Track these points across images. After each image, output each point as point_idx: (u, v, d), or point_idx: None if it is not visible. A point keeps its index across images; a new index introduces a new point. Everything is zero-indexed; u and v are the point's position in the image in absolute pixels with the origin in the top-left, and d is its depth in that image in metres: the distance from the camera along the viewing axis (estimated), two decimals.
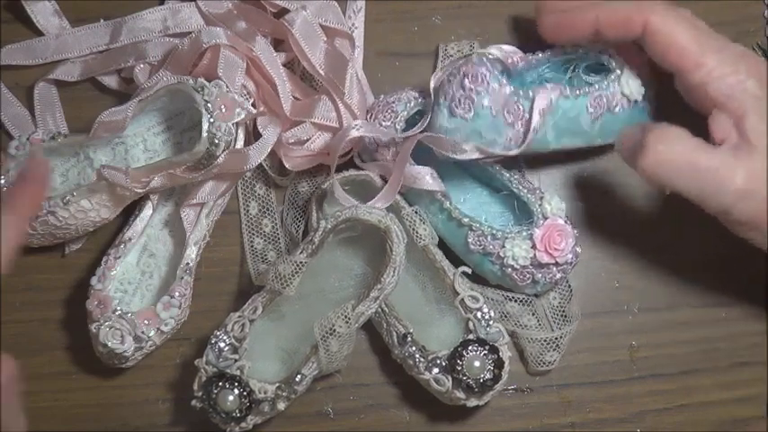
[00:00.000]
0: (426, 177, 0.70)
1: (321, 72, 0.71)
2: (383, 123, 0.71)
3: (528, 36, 0.76)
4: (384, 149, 0.71)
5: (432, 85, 0.69)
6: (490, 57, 0.69)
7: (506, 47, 0.71)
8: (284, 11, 0.73)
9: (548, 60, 0.72)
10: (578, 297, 0.74)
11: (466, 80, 0.66)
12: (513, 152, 0.68)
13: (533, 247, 0.69)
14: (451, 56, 0.76)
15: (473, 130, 0.67)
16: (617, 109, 0.70)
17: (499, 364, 0.67)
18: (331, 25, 0.73)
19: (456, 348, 0.67)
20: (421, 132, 0.69)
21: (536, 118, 0.67)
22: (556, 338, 0.72)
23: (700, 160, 0.63)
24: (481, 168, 0.73)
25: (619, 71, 0.70)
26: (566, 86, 0.69)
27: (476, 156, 0.67)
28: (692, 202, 0.65)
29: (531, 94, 0.68)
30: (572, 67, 0.72)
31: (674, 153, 0.64)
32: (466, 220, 0.70)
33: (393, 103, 0.71)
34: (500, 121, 0.67)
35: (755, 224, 0.65)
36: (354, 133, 0.69)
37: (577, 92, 0.69)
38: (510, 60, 0.71)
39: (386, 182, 0.71)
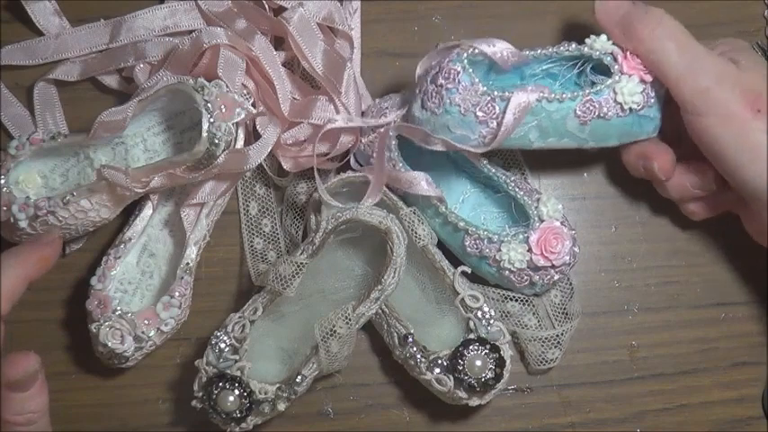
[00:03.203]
0: (422, 183, 0.70)
1: (318, 71, 0.71)
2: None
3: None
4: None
5: (417, 72, 0.69)
6: (475, 52, 0.67)
7: (499, 42, 0.68)
8: (284, 9, 0.73)
9: (550, 57, 0.69)
10: (578, 297, 0.74)
11: (439, 76, 0.66)
12: (481, 150, 0.68)
13: (529, 250, 0.69)
14: None
15: (442, 125, 0.67)
16: (609, 114, 0.67)
17: (500, 362, 0.67)
18: (330, 24, 0.73)
19: (457, 348, 0.67)
20: (402, 121, 0.69)
21: (509, 117, 0.66)
22: (557, 335, 0.72)
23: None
24: (479, 170, 0.72)
25: (617, 77, 0.67)
26: (551, 90, 0.67)
27: (442, 149, 0.67)
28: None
29: (507, 94, 0.66)
30: (580, 63, 0.70)
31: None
32: (462, 224, 0.70)
33: (386, 108, 0.71)
34: (471, 119, 0.66)
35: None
36: (331, 126, 0.70)
37: (563, 95, 0.66)
38: (499, 56, 0.68)
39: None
